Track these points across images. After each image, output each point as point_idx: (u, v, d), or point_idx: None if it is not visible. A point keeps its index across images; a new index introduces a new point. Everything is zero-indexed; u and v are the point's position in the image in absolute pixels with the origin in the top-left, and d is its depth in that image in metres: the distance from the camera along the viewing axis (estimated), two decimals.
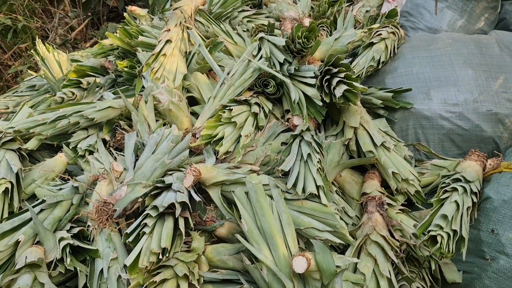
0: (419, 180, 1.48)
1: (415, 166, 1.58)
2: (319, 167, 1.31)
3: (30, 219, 1.17)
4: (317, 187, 1.25)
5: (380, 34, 1.76)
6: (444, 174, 1.47)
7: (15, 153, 1.36)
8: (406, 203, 1.48)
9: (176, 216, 1.09)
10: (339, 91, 1.37)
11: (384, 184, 1.51)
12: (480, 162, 1.43)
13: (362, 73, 1.68)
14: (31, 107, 1.83)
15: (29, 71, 2.38)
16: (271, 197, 1.23)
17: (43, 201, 1.21)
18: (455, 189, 1.32)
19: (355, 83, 1.37)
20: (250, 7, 2.31)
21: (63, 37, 3.20)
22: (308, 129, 1.45)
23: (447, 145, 1.59)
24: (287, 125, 1.58)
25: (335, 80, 1.41)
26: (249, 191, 1.19)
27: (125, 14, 2.04)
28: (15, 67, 2.75)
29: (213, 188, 1.30)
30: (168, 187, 1.19)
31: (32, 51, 1.95)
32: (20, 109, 1.65)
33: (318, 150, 1.37)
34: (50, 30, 3.19)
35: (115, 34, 1.92)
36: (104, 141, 1.57)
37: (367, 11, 2.28)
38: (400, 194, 1.49)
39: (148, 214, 1.09)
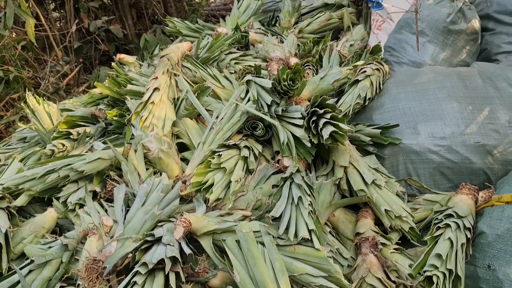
0: (413, 216, 1.47)
1: (408, 201, 1.58)
2: (311, 210, 1.31)
3: (19, 281, 1.15)
4: (309, 231, 1.24)
5: (365, 71, 1.79)
6: (437, 209, 1.47)
7: (4, 211, 1.35)
8: (400, 241, 1.46)
9: (166, 272, 1.07)
10: (326, 132, 1.38)
11: (378, 221, 1.50)
12: (471, 196, 1.42)
13: (349, 110, 1.69)
14: (22, 160, 1.84)
15: (19, 123, 2.39)
16: (263, 244, 1.22)
17: (32, 261, 1.19)
18: (448, 225, 1.32)
19: (341, 125, 1.38)
20: (237, 49, 2.35)
21: (55, 85, 3.24)
22: (298, 171, 1.45)
23: (438, 179, 1.59)
24: (278, 166, 1.58)
25: (322, 121, 1.42)
26: (240, 240, 1.18)
27: (113, 64, 2.07)
28: (7, 118, 2.77)
29: (204, 238, 1.28)
30: (159, 240, 1.18)
31: (22, 104, 1.96)
32: (10, 164, 1.65)
33: (309, 192, 1.37)
34: (42, 79, 3.23)
35: (104, 82, 1.95)
36: (95, 193, 1.57)
37: (351, 45, 2.33)
38: (394, 231, 1.47)
39: (137, 271, 1.07)
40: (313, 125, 1.46)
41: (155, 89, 1.71)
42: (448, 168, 1.57)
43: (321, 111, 1.44)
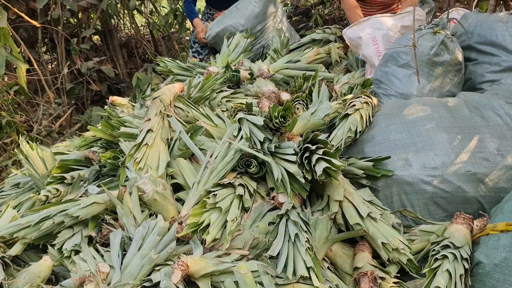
0: (410, 248, 1.48)
1: (404, 233, 1.58)
2: (308, 246, 1.31)
3: None
4: (308, 268, 1.24)
5: (354, 105, 1.82)
6: (434, 240, 1.47)
7: None
8: (399, 274, 1.46)
9: None
10: (319, 168, 1.40)
11: (376, 254, 1.50)
12: (466, 225, 1.44)
13: (341, 144, 1.72)
14: (15, 206, 1.82)
15: (12, 168, 2.39)
16: (261, 284, 1.21)
17: None
18: (445, 257, 1.32)
19: (334, 160, 1.40)
20: (228, 87, 2.39)
21: (48, 127, 3.25)
22: (293, 207, 1.46)
23: (432, 209, 1.60)
24: (273, 203, 1.59)
25: (315, 157, 1.44)
26: (238, 282, 1.18)
27: (106, 107, 2.09)
28: (0, 163, 2.77)
29: (202, 280, 1.27)
30: (156, 285, 1.17)
31: (16, 149, 1.96)
32: (4, 211, 1.64)
33: (305, 229, 1.38)
34: (34, 122, 3.24)
35: (98, 125, 1.97)
36: (90, 238, 1.56)
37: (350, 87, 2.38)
38: (392, 264, 1.47)
39: None
40: (306, 161, 1.48)
41: (149, 130, 1.73)
42: (441, 198, 1.58)
43: (314, 147, 1.47)
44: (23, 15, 2.77)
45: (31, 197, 1.81)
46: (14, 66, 3.73)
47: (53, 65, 4.86)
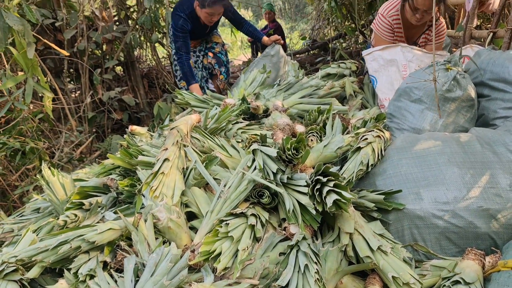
0: (421, 283, 1.47)
1: (416, 267, 1.58)
2: (317, 278, 1.32)
3: None
4: None
5: (366, 138, 1.86)
6: (445, 275, 1.46)
7: (17, 284, 1.37)
8: None
9: None
10: (329, 200, 1.42)
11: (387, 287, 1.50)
12: (478, 261, 1.43)
13: (353, 177, 1.74)
14: (35, 230, 1.88)
15: (33, 193, 2.46)
16: None
17: None
18: None
19: (344, 193, 1.42)
20: (244, 119, 2.45)
21: (69, 154, 3.35)
22: (304, 238, 1.48)
23: (444, 244, 1.60)
24: (284, 234, 1.61)
25: (326, 189, 1.47)
26: None
27: (125, 136, 2.17)
28: (22, 188, 2.85)
29: None
30: None
31: (38, 175, 2.04)
32: (24, 235, 1.69)
33: (315, 260, 1.39)
34: (56, 149, 3.35)
35: (117, 153, 2.03)
36: (105, 263, 1.60)
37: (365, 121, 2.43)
38: None
39: None
40: (318, 192, 1.51)
41: (165, 160, 1.78)
42: (453, 233, 1.58)
43: (325, 179, 1.50)
44: (53, 45, 2.91)
45: (50, 221, 1.87)
46: (40, 95, 3.89)
47: (76, 94, 5.03)
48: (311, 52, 7.21)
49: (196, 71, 4.24)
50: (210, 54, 4.25)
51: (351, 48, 6.94)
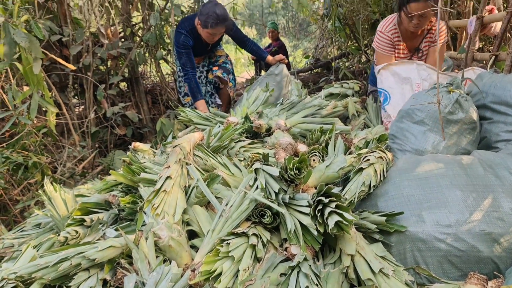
0: None
1: None
2: None
3: None
4: None
5: (369, 159, 1.86)
6: None
7: None
8: None
9: None
10: (331, 222, 1.42)
11: None
12: (480, 286, 1.42)
13: (355, 198, 1.74)
14: (35, 246, 1.88)
15: (34, 208, 2.46)
16: None
17: None
18: None
19: (346, 214, 1.42)
20: (246, 137, 2.46)
21: (71, 169, 3.36)
22: (305, 259, 1.47)
23: (446, 267, 1.58)
24: (285, 254, 1.60)
25: (327, 210, 1.47)
26: None
27: (128, 153, 2.18)
28: (23, 202, 2.85)
29: None
30: None
31: (40, 191, 2.04)
32: (24, 251, 1.69)
33: (316, 282, 1.38)
34: (59, 164, 3.36)
35: (119, 170, 2.04)
36: (105, 281, 1.59)
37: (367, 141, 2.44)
38: None
39: None
40: (319, 213, 1.50)
41: (167, 177, 1.79)
42: (456, 257, 1.57)
43: (327, 200, 1.50)
44: (60, 60, 2.94)
45: (51, 237, 1.86)
46: (44, 109, 3.92)
47: (80, 109, 5.07)
48: (314, 70, 7.26)
49: (201, 86, 4.27)
50: (215, 68, 4.29)
51: (354, 67, 6.99)
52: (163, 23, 4.81)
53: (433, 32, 3.02)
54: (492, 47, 5.51)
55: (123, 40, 5.02)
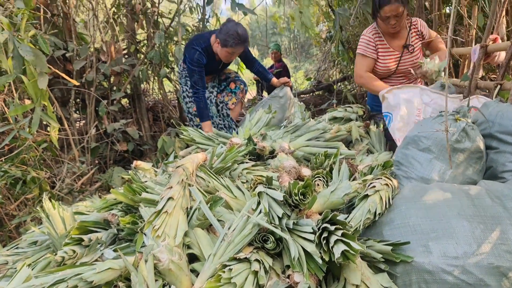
0: None
1: None
2: None
3: None
4: None
5: (374, 186, 1.83)
6: None
7: None
8: None
9: None
10: (337, 251, 1.38)
11: None
12: None
13: (360, 226, 1.71)
14: (30, 264, 1.83)
15: (30, 224, 2.42)
16: None
17: None
18: None
19: (352, 243, 1.39)
20: (249, 159, 2.44)
21: (70, 185, 3.32)
22: None
23: None
24: (288, 282, 1.56)
25: (333, 238, 1.44)
26: None
27: (130, 172, 2.15)
28: (20, 218, 2.81)
29: None
30: None
31: (38, 208, 2.00)
32: (19, 270, 1.64)
33: None
34: (57, 180, 3.32)
35: (119, 189, 2.01)
36: None
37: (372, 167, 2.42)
38: None
39: None
40: (325, 241, 1.47)
41: (169, 198, 1.75)
42: None
43: (332, 228, 1.46)
44: (64, 75, 2.94)
45: (47, 256, 1.82)
46: (45, 123, 3.90)
47: (80, 124, 5.05)
48: (316, 93, 7.29)
49: (209, 106, 4.24)
50: (232, 85, 4.22)
51: (355, 90, 7.02)
52: (167, 41, 4.84)
53: (416, 26, 3.11)
54: (493, 75, 5.54)
55: (126, 56, 5.04)
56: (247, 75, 7.04)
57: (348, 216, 1.76)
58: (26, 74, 2.67)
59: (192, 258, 1.72)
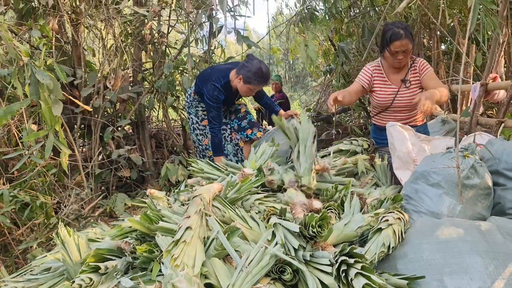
0: None
1: None
2: None
3: None
4: None
5: (387, 220, 1.88)
6: None
7: None
8: None
9: None
10: (358, 284, 1.42)
11: None
12: None
13: (375, 259, 1.74)
14: None
15: (38, 250, 2.42)
16: None
17: None
18: None
19: (373, 277, 1.42)
20: (261, 190, 2.48)
21: (77, 211, 3.33)
22: None
23: None
24: None
25: (353, 271, 1.47)
26: None
27: (146, 200, 2.17)
28: (26, 243, 2.80)
29: None
30: None
31: (54, 235, 2.02)
32: None
33: None
34: (64, 206, 3.33)
35: (135, 217, 2.03)
36: None
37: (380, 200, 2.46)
38: None
39: None
40: (343, 274, 1.50)
41: (188, 228, 1.78)
42: None
43: (352, 261, 1.50)
44: (79, 102, 2.99)
45: (64, 284, 1.82)
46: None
47: (84, 149, 5.08)
48: (315, 124, 7.39)
49: (225, 144, 4.26)
50: (248, 131, 4.21)
51: (354, 122, 7.13)
52: (174, 71, 4.93)
53: (416, 64, 3.25)
54: (490, 112, 5.67)
55: (132, 84, 5.12)
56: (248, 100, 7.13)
57: (362, 249, 1.80)
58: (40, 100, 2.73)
59: None
